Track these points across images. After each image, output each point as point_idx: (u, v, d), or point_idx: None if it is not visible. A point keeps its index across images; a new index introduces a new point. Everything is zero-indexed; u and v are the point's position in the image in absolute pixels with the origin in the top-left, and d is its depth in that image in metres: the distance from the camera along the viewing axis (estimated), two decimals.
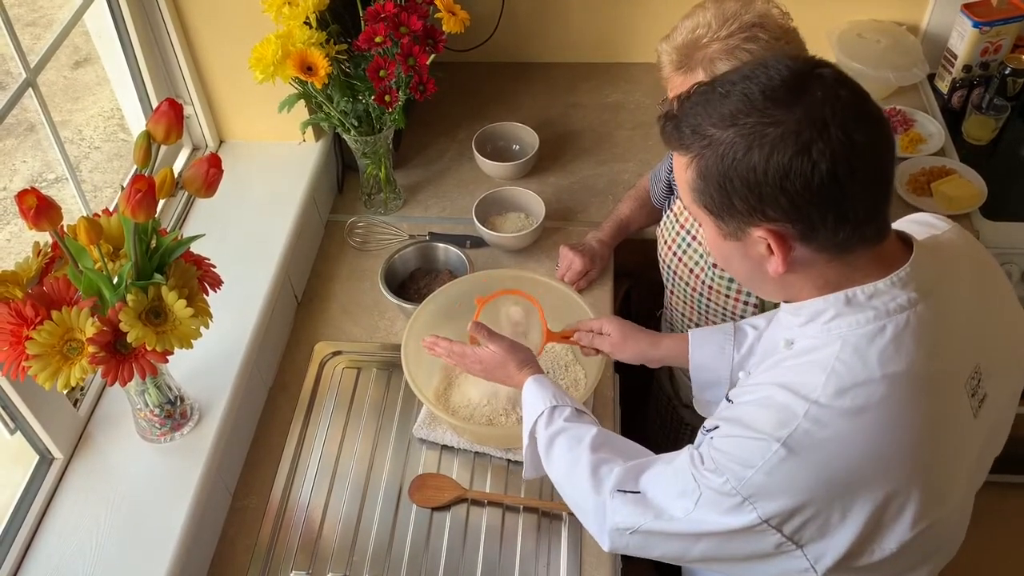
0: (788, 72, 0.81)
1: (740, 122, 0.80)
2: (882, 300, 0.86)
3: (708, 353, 1.27)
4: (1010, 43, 2.04)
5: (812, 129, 0.78)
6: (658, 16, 2.13)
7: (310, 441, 1.47)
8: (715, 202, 0.85)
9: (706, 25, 1.22)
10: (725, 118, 0.82)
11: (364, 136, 1.69)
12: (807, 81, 0.80)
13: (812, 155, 0.78)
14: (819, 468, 0.84)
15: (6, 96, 1.27)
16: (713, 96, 0.84)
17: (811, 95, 0.79)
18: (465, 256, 1.66)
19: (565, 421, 1.13)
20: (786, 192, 0.79)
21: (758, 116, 0.80)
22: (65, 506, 1.25)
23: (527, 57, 2.27)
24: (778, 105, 0.79)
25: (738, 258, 0.90)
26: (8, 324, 1.04)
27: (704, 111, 0.84)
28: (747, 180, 0.81)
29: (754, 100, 0.80)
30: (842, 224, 0.81)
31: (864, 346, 0.86)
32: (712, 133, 0.82)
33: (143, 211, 1.03)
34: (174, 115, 1.07)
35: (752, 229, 0.84)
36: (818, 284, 0.88)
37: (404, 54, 1.55)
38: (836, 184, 0.79)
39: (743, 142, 0.80)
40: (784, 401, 0.87)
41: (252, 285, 1.52)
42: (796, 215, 0.81)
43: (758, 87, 0.81)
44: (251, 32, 1.53)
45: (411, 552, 1.32)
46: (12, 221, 3.46)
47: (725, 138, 0.81)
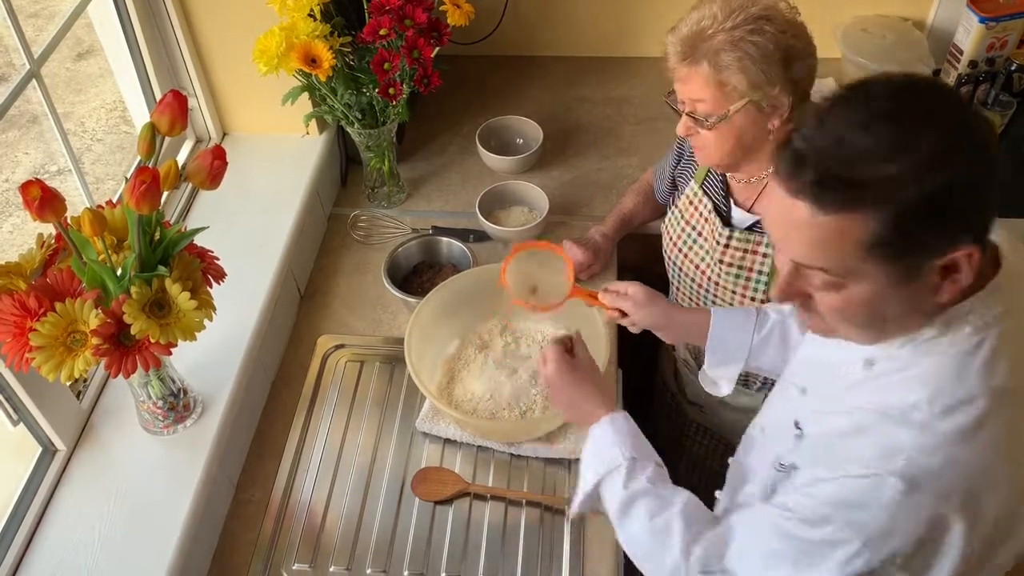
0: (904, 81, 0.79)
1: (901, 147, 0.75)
2: (978, 315, 0.83)
3: (728, 328, 1.25)
4: (1016, 39, 2.03)
5: (960, 136, 0.77)
6: (663, 11, 2.13)
7: (313, 434, 1.47)
8: (897, 249, 0.77)
9: (712, 16, 1.22)
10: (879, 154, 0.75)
11: (368, 129, 1.68)
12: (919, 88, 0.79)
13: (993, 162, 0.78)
14: (939, 496, 0.80)
15: (9, 87, 1.27)
16: (851, 132, 0.76)
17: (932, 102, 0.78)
18: (468, 250, 1.65)
19: (649, 482, 1.07)
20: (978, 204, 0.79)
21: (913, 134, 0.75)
22: (68, 498, 1.25)
23: (532, 51, 2.26)
24: (921, 119, 0.76)
25: (895, 305, 0.83)
26: (12, 316, 1.04)
27: (845, 154, 0.76)
28: (938, 205, 0.75)
29: (901, 120, 0.76)
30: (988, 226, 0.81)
31: (965, 362, 0.82)
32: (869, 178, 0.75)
33: (147, 203, 1.02)
34: (178, 107, 1.07)
35: (936, 261, 0.78)
36: (916, 313, 0.84)
37: (408, 47, 1.54)
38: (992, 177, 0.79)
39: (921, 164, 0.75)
40: (884, 428, 0.83)
41: (255, 278, 1.52)
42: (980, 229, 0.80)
43: (888, 107, 0.77)
44: (255, 24, 1.52)
45: (413, 546, 1.32)
46: (15, 213, 3.46)
47: (893, 173, 0.75)
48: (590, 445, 1.15)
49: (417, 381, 1.34)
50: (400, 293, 1.58)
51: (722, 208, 1.43)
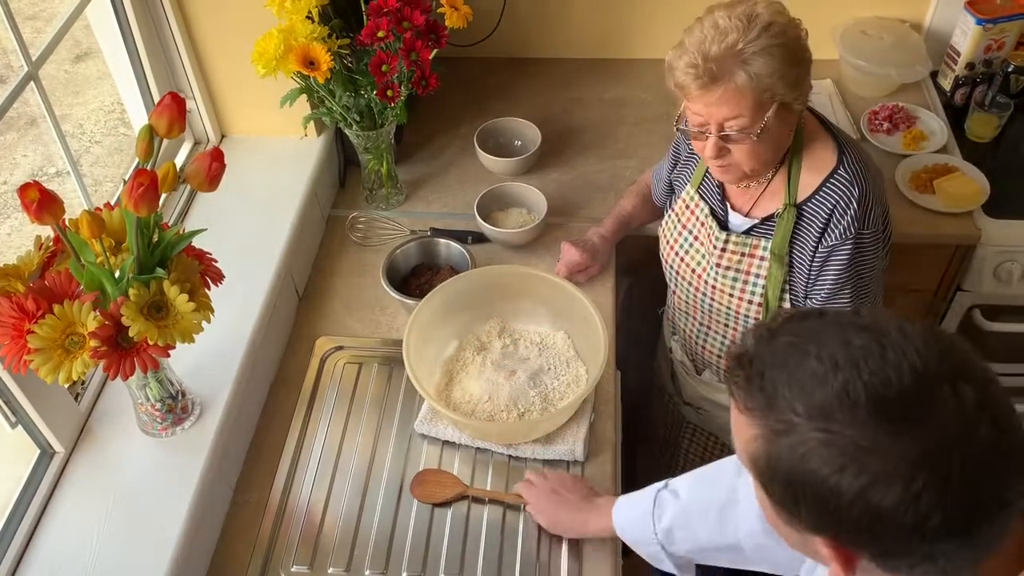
0: (911, 379, 0.63)
1: (832, 428, 0.64)
2: None
3: (633, 533, 1.24)
4: (1013, 40, 2.03)
5: (927, 468, 0.61)
6: (660, 12, 2.13)
7: (311, 436, 1.47)
8: (776, 495, 0.70)
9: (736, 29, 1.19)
10: (814, 408, 0.65)
11: (366, 131, 1.68)
12: (932, 393, 0.62)
13: (920, 506, 0.62)
14: None
15: (7, 90, 1.27)
16: (804, 366, 0.66)
17: (933, 417, 0.62)
18: (467, 252, 1.65)
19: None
20: (872, 530, 0.64)
21: (858, 431, 0.63)
22: (66, 500, 1.25)
23: (529, 53, 2.27)
24: (885, 428, 0.62)
25: (794, 538, 0.75)
26: (10, 318, 1.04)
27: (787, 382, 0.67)
28: (824, 500, 0.65)
29: (856, 406, 0.63)
30: (931, 564, 0.66)
31: None
32: (791, 419, 0.66)
33: (146, 205, 1.02)
34: (177, 109, 1.07)
35: (816, 537, 0.69)
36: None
37: (407, 49, 1.54)
38: (943, 527, 0.63)
39: (830, 458, 0.64)
40: None
41: (253, 280, 1.52)
42: (875, 548, 0.67)
43: (866, 388, 0.63)
44: (253, 26, 1.52)
45: (412, 548, 1.32)
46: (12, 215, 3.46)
47: (808, 437, 0.65)
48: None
49: (415, 383, 1.34)
50: (399, 295, 1.58)
51: (719, 212, 1.44)
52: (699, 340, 1.57)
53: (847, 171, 1.30)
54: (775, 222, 1.36)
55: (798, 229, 1.34)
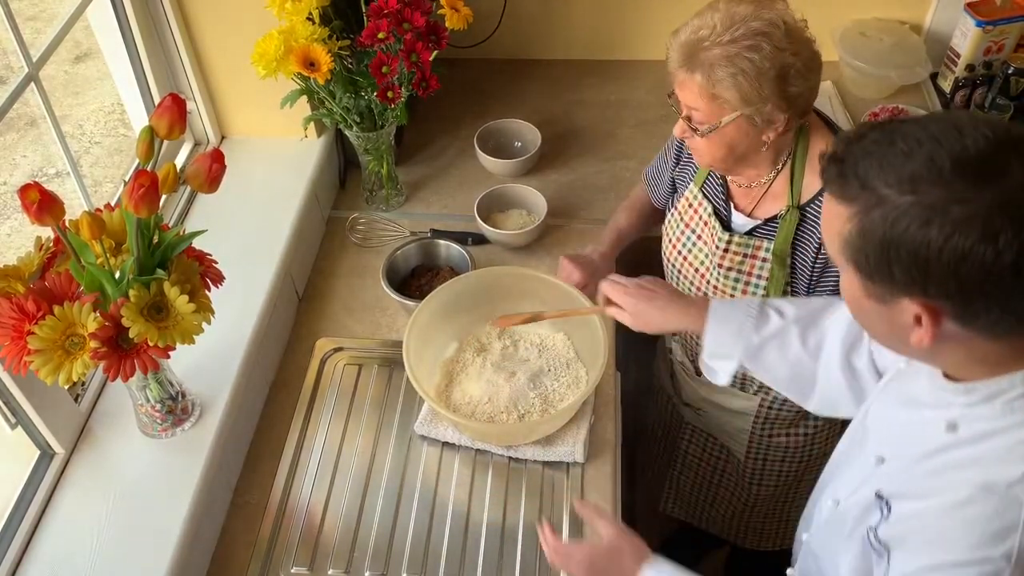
0: (986, 144, 0.73)
1: (921, 190, 0.73)
2: None
3: (726, 332, 1.22)
4: (1013, 42, 2.03)
5: (1004, 216, 0.70)
6: (661, 14, 2.13)
7: (311, 437, 1.47)
8: (870, 264, 0.78)
9: (711, 27, 1.21)
10: (904, 181, 0.74)
11: (366, 132, 1.68)
12: (1006, 158, 0.72)
13: (999, 244, 0.70)
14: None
15: (8, 90, 1.27)
16: (892, 150, 0.75)
17: (1008, 174, 0.71)
18: (467, 253, 1.65)
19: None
20: (958, 276, 0.73)
21: (943, 188, 0.72)
22: (66, 501, 1.25)
23: (530, 54, 2.27)
24: (969, 181, 0.72)
25: (879, 320, 0.83)
26: (10, 319, 1.04)
27: (879, 164, 0.76)
28: (916, 254, 0.73)
29: (942, 169, 0.72)
30: (1007, 312, 0.75)
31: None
32: (885, 193, 0.75)
33: (146, 206, 1.02)
34: (177, 110, 1.07)
35: (904, 299, 0.78)
36: (976, 359, 0.82)
37: (407, 50, 1.54)
38: (1016, 276, 0.72)
39: (921, 214, 0.72)
40: (992, 507, 0.78)
41: (253, 281, 1.52)
42: (960, 299, 0.75)
43: (949, 154, 0.73)
44: (254, 27, 1.53)
45: (412, 548, 1.32)
46: (13, 215, 3.46)
47: (900, 203, 0.74)
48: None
49: (415, 384, 1.34)
50: (398, 296, 1.58)
51: (722, 212, 1.44)
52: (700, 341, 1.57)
53: None
54: (778, 223, 1.36)
55: (800, 231, 1.34)
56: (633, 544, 1.12)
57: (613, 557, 1.11)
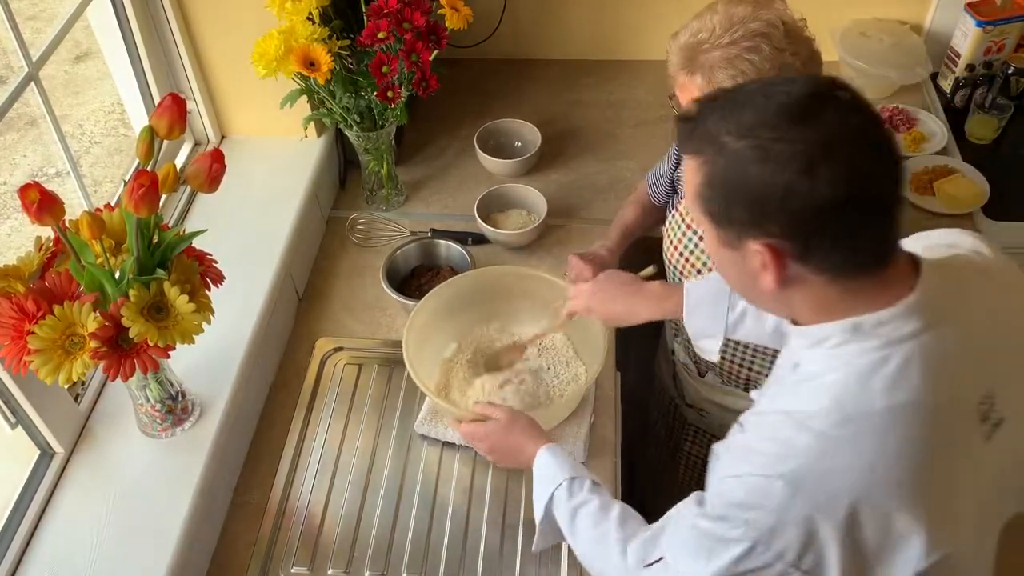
0: (806, 91, 0.81)
1: (752, 134, 0.80)
2: (888, 328, 0.85)
3: (702, 312, 1.28)
4: (1013, 42, 2.03)
5: (820, 151, 0.78)
6: (661, 13, 2.13)
7: (311, 437, 1.47)
8: (717, 210, 0.85)
9: (710, 29, 1.21)
10: (740, 128, 0.81)
11: (366, 132, 1.68)
12: (823, 103, 0.80)
13: (816, 176, 0.78)
14: (818, 500, 0.84)
15: (8, 90, 1.27)
16: (732, 104, 0.84)
17: (824, 117, 0.79)
18: (467, 253, 1.65)
19: (589, 493, 1.14)
20: (786, 209, 0.80)
21: (769, 131, 0.80)
22: (66, 501, 1.25)
23: (530, 54, 2.27)
24: (791, 123, 0.79)
25: (735, 268, 0.90)
26: (10, 319, 1.04)
27: (720, 117, 0.83)
28: (750, 192, 0.81)
29: (769, 114, 0.80)
30: (838, 247, 0.82)
31: (868, 375, 0.85)
32: (725, 141, 0.82)
33: (146, 206, 1.02)
34: (177, 110, 1.07)
35: (749, 241, 0.84)
36: (815, 305, 0.88)
37: (407, 50, 1.54)
38: (837, 207, 0.79)
39: (752, 154, 0.80)
40: (786, 434, 0.87)
41: (254, 281, 1.52)
42: (794, 233, 0.81)
43: (775, 102, 0.81)
44: (254, 27, 1.53)
45: (412, 548, 1.32)
46: (12, 215, 3.46)
47: (736, 148, 0.81)
48: (534, 479, 1.23)
49: (416, 379, 1.34)
50: (398, 296, 1.58)
51: None
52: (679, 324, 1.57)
53: None
54: None
55: None
56: (527, 422, 1.28)
57: (510, 431, 1.27)
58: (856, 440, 0.84)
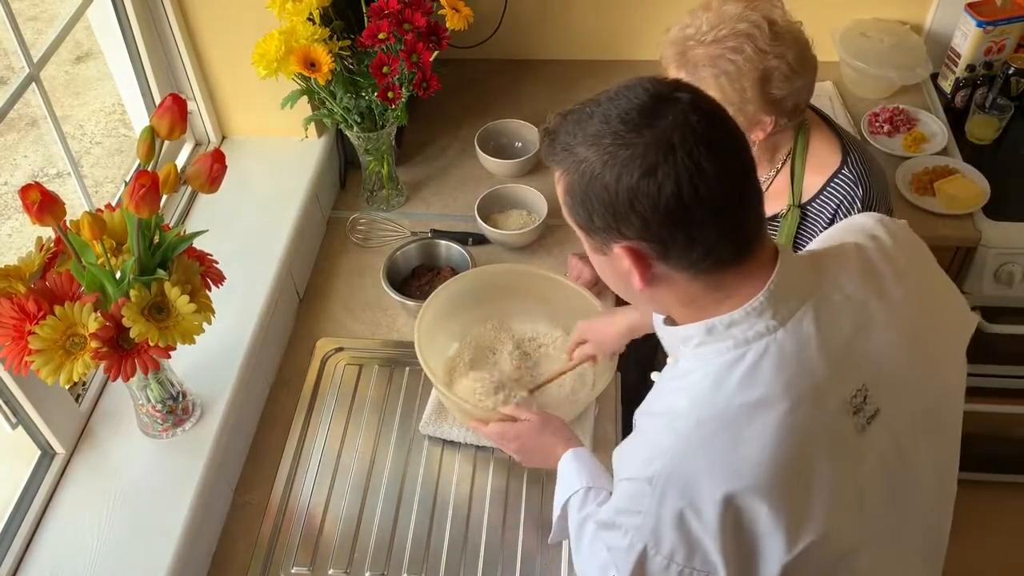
0: (646, 95, 0.83)
1: (599, 143, 0.83)
2: (740, 329, 0.87)
3: None
4: (1014, 43, 2.03)
5: (659, 152, 0.80)
6: (661, 14, 2.13)
7: (312, 437, 1.47)
8: (581, 218, 0.87)
9: (697, 27, 1.22)
10: (588, 137, 0.84)
11: (367, 132, 1.69)
12: (661, 106, 0.82)
13: (658, 177, 0.79)
14: (685, 497, 0.85)
15: (9, 91, 1.27)
16: (582, 115, 0.86)
17: (663, 119, 0.81)
18: (467, 253, 1.66)
19: (597, 506, 1.14)
20: (636, 212, 0.81)
21: (612, 138, 0.82)
22: (67, 501, 1.25)
23: (530, 54, 2.27)
24: (631, 128, 0.82)
25: (609, 271, 0.92)
26: (11, 319, 1.04)
27: (573, 129, 0.86)
28: (602, 199, 0.83)
29: (611, 122, 0.83)
30: (693, 244, 0.83)
31: (723, 375, 0.87)
32: (577, 151, 0.85)
33: (147, 206, 1.03)
34: (178, 110, 1.07)
35: (613, 245, 0.86)
36: (683, 301, 0.90)
37: (408, 51, 1.54)
38: (682, 206, 0.80)
39: (599, 161, 0.82)
40: (655, 435, 0.90)
41: (254, 281, 1.52)
42: (648, 234, 0.83)
43: (616, 110, 0.83)
44: (254, 28, 1.53)
45: (412, 548, 1.32)
46: (13, 216, 3.46)
47: (586, 157, 0.84)
48: (558, 480, 1.23)
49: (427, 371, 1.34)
50: (399, 296, 1.58)
51: None
52: None
53: (851, 171, 1.30)
54: (779, 223, 1.36)
55: (802, 230, 1.34)
56: (559, 425, 1.29)
57: (542, 432, 1.27)
58: (714, 439, 0.85)
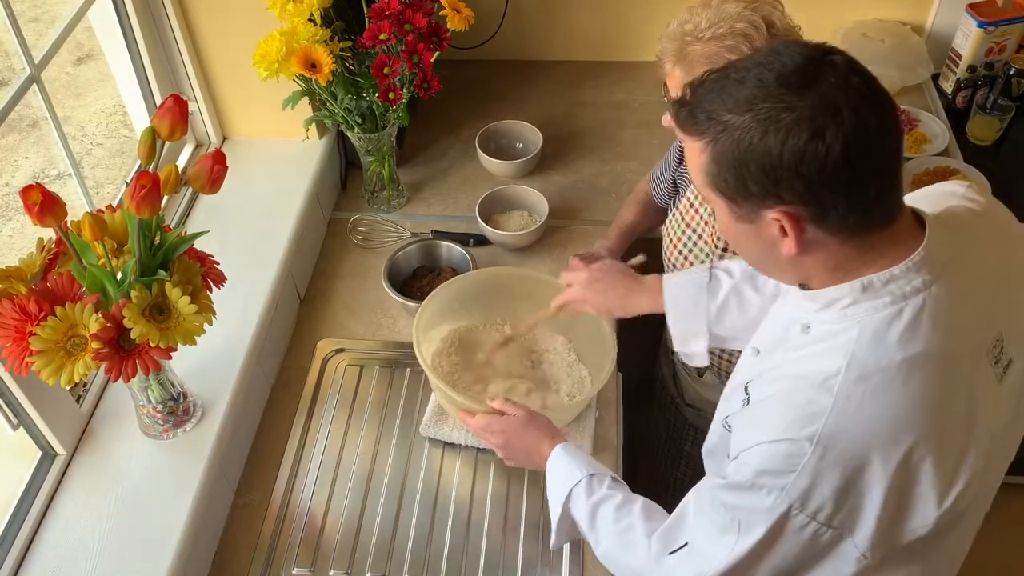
0: (801, 59, 0.83)
1: (756, 107, 0.82)
2: (898, 285, 0.87)
3: (683, 307, 1.29)
4: (1015, 43, 2.03)
5: (825, 114, 0.79)
6: (663, 14, 2.11)
7: (312, 438, 1.47)
8: (729, 186, 0.86)
9: (695, 23, 1.22)
10: (740, 104, 0.83)
11: (368, 133, 1.69)
12: (819, 68, 0.82)
13: (826, 139, 0.79)
14: (849, 455, 0.86)
15: (10, 92, 1.27)
16: (727, 82, 0.85)
17: (824, 81, 0.81)
18: (468, 254, 1.65)
19: (608, 489, 1.14)
20: (801, 175, 0.81)
21: (773, 102, 0.81)
22: (67, 502, 1.25)
23: (531, 55, 2.27)
24: (792, 91, 0.81)
25: (752, 240, 0.91)
26: (12, 320, 1.04)
27: (719, 97, 0.85)
28: (763, 164, 0.82)
29: (769, 86, 0.82)
30: (853, 206, 0.83)
31: (883, 330, 0.87)
32: (727, 119, 0.83)
33: (148, 207, 1.03)
34: (179, 111, 1.07)
35: (766, 211, 0.85)
36: (830, 266, 0.89)
37: (408, 51, 1.54)
38: (849, 167, 0.80)
39: (759, 127, 0.81)
40: (807, 396, 0.88)
41: (255, 282, 1.52)
42: (810, 197, 0.83)
43: (772, 74, 0.82)
44: (255, 29, 1.53)
45: (413, 549, 1.32)
46: (14, 217, 3.46)
47: (741, 123, 0.82)
48: (549, 476, 1.22)
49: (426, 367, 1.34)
50: (400, 297, 1.58)
51: None
52: None
53: None
54: None
55: None
56: (544, 422, 1.28)
57: (527, 427, 1.26)
58: (877, 393, 0.85)
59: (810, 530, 0.88)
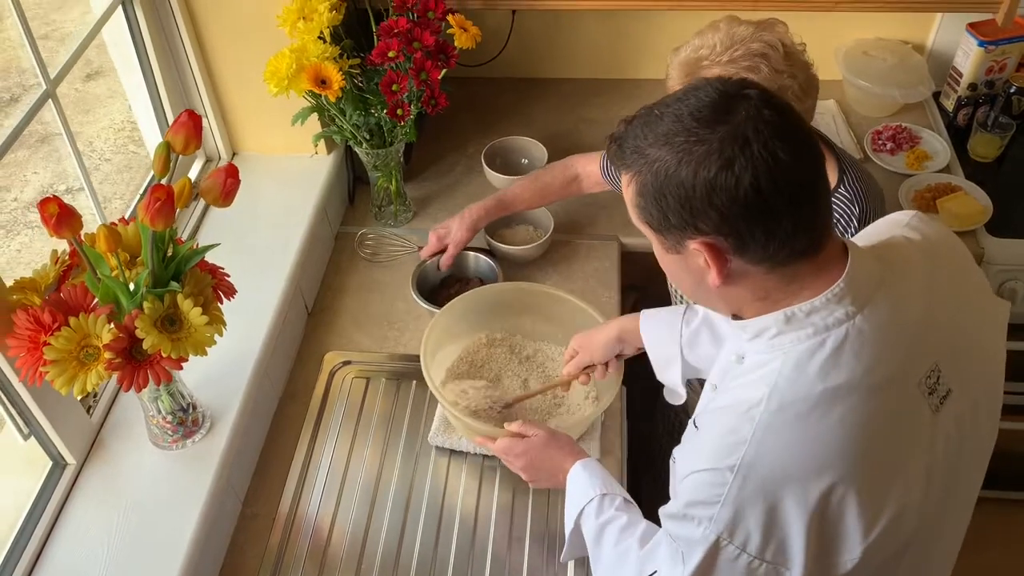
0: (716, 94, 0.85)
1: (672, 141, 0.85)
2: (820, 316, 0.88)
3: (657, 335, 1.32)
4: (1015, 62, 2.05)
5: (735, 146, 0.81)
6: (668, 33, 2.16)
7: (319, 450, 1.48)
8: (654, 218, 0.89)
9: (711, 47, 1.23)
10: (659, 138, 0.86)
11: (376, 149, 1.71)
12: (733, 102, 0.84)
13: (735, 170, 0.81)
14: (768, 485, 0.87)
15: (25, 107, 1.29)
16: (651, 118, 0.88)
17: (736, 115, 0.83)
18: (495, 266, 1.68)
19: (617, 510, 1.15)
20: (714, 206, 0.83)
21: (686, 135, 0.84)
22: (77, 512, 1.26)
23: (537, 73, 2.29)
24: (705, 125, 0.83)
25: (683, 271, 0.93)
26: (26, 330, 1.06)
27: (642, 132, 0.88)
28: (678, 195, 0.84)
29: (684, 120, 0.85)
30: (771, 237, 0.84)
31: (804, 361, 0.88)
32: (649, 152, 0.86)
33: (162, 219, 1.04)
34: (193, 126, 1.09)
35: (688, 242, 0.87)
36: (758, 296, 0.91)
37: (417, 69, 1.57)
38: (760, 197, 0.82)
39: (674, 159, 0.84)
40: (731, 425, 0.90)
41: (264, 295, 1.53)
42: (727, 228, 0.84)
43: (687, 108, 0.85)
44: (266, 46, 1.55)
45: (419, 561, 1.33)
46: (23, 232, 3.49)
47: (659, 156, 0.85)
48: (568, 490, 1.23)
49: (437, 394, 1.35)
50: (428, 304, 1.60)
51: None
52: None
53: (847, 190, 1.32)
54: None
55: None
56: (566, 440, 1.29)
57: (548, 447, 1.27)
58: (796, 424, 0.86)
59: (743, 562, 0.89)
